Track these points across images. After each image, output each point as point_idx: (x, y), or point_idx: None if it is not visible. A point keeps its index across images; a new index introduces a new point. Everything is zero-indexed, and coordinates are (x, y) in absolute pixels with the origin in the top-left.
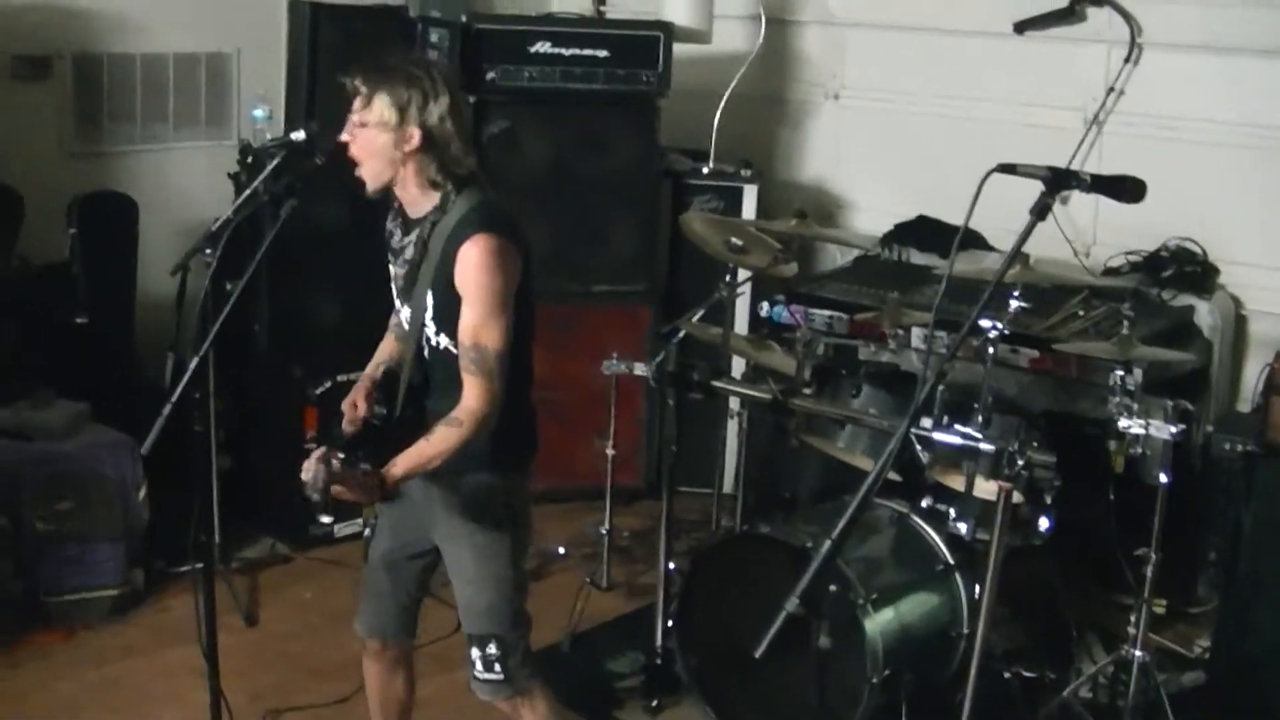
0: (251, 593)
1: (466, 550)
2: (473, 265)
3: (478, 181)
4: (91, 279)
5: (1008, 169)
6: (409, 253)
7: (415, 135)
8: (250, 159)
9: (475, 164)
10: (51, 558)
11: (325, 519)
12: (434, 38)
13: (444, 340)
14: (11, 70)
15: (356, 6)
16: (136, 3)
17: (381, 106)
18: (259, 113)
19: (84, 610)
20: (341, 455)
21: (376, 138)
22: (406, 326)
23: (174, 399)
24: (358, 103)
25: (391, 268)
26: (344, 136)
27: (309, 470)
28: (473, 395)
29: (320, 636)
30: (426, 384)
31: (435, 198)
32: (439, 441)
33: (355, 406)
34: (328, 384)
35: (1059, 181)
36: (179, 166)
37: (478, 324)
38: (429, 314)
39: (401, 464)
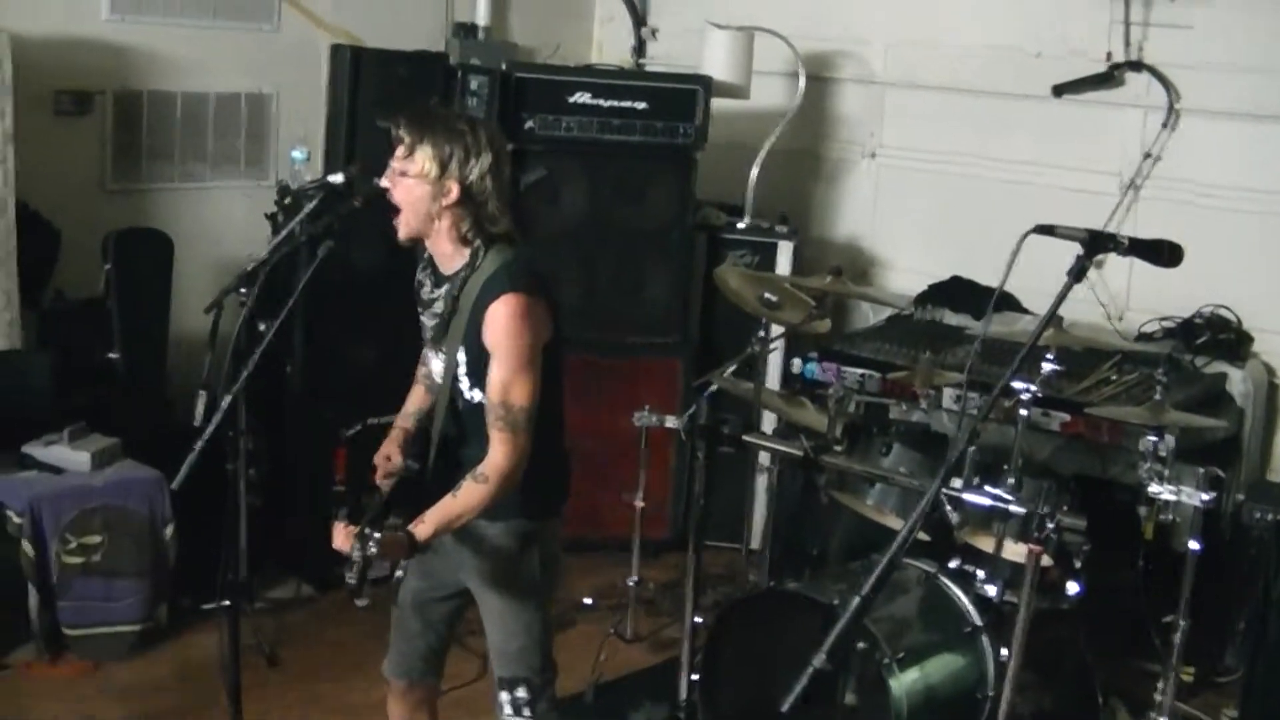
0: (276, 632)
1: (498, 595)
2: (501, 324)
3: (510, 238)
4: (126, 315)
5: (1046, 230)
6: (438, 307)
7: (454, 190)
8: (288, 200)
9: (510, 223)
10: (78, 591)
11: (360, 602)
12: (474, 85)
13: (476, 394)
14: (54, 105)
15: (398, 52)
16: (179, 42)
17: (423, 158)
18: (298, 154)
19: (108, 644)
20: (378, 535)
21: (415, 188)
22: (439, 378)
23: (206, 436)
24: (400, 151)
25: (421, 318)
26: (383, 182)
27: (342, 543)
28: (499, 452)
29: (343, 679)
30: (461, 435)
31: (466, 253)
32: (466, 498)
33: (389, 459)
34: (359, 426)
35: (1097, 244)
36: (216, 205)
37: (506, 381)
38: (462, 369)
39: (430, 522)
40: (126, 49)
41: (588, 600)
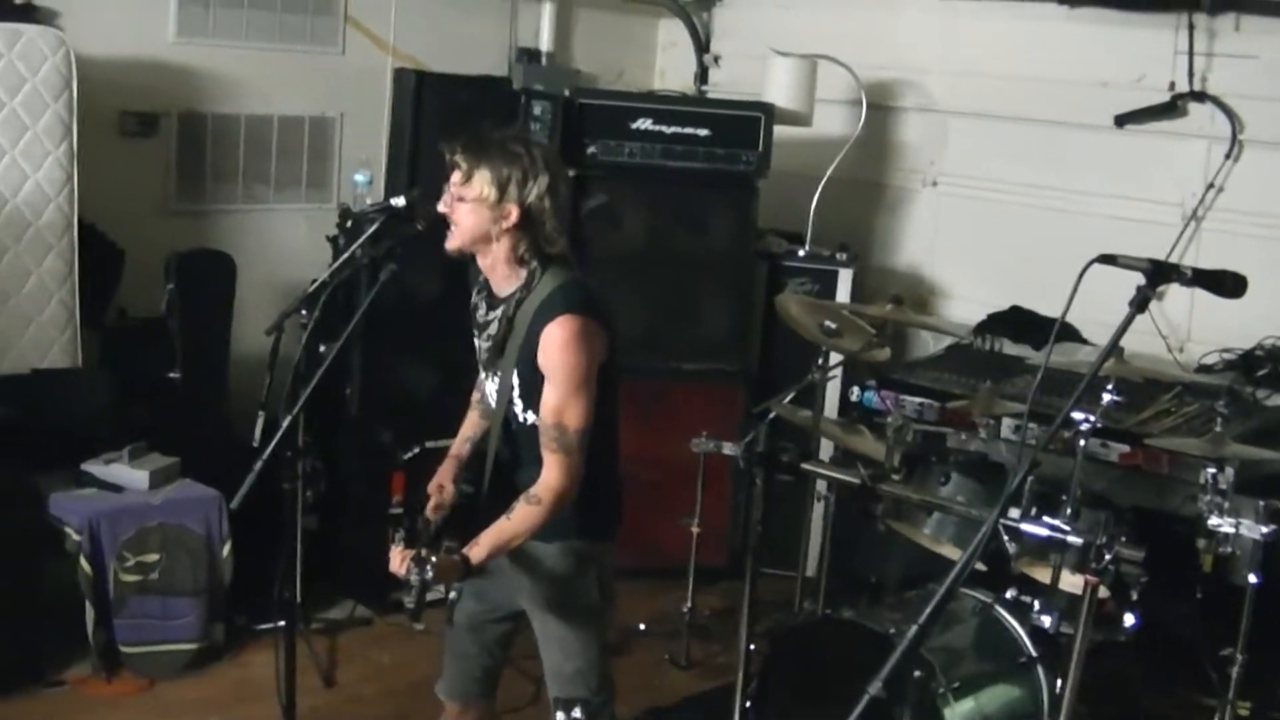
0: (331, 654)
1: (553, 617)
2: (556, 346)
3: (565, 260)
4: (187, 335)
5: (1108, 260)
6: (493, 329)
7: (513, 213)
8: (349, 223)
9: (566, 245)
10: (135, 608)
11: (418, 626)
12: (536, 110)
13: (531, 416)
14: (119, 126)
15: (461, 76)
16: (243, 64)
17: (481, 182)
18: (360, 177)
19: (163, 662)
20: (434, 559)
21: (474, 212)
22: (493, 401)
23: (264, 457)
24: (457, 176)
25: (476, 340)
26: (441, 208)
27: (398, 567)
28: (553, 473)
29: (397, 700)
30: (514, 458)
31: (522, 275)
32: (519, 520)
33: (441, 489)
34: (416, 450)
35: (1159, 274)
36: (278, 227)
37: (560, 403)
38: (515, 391)
39: (484, 544)
40: (192, 71)
41: (642, 626)
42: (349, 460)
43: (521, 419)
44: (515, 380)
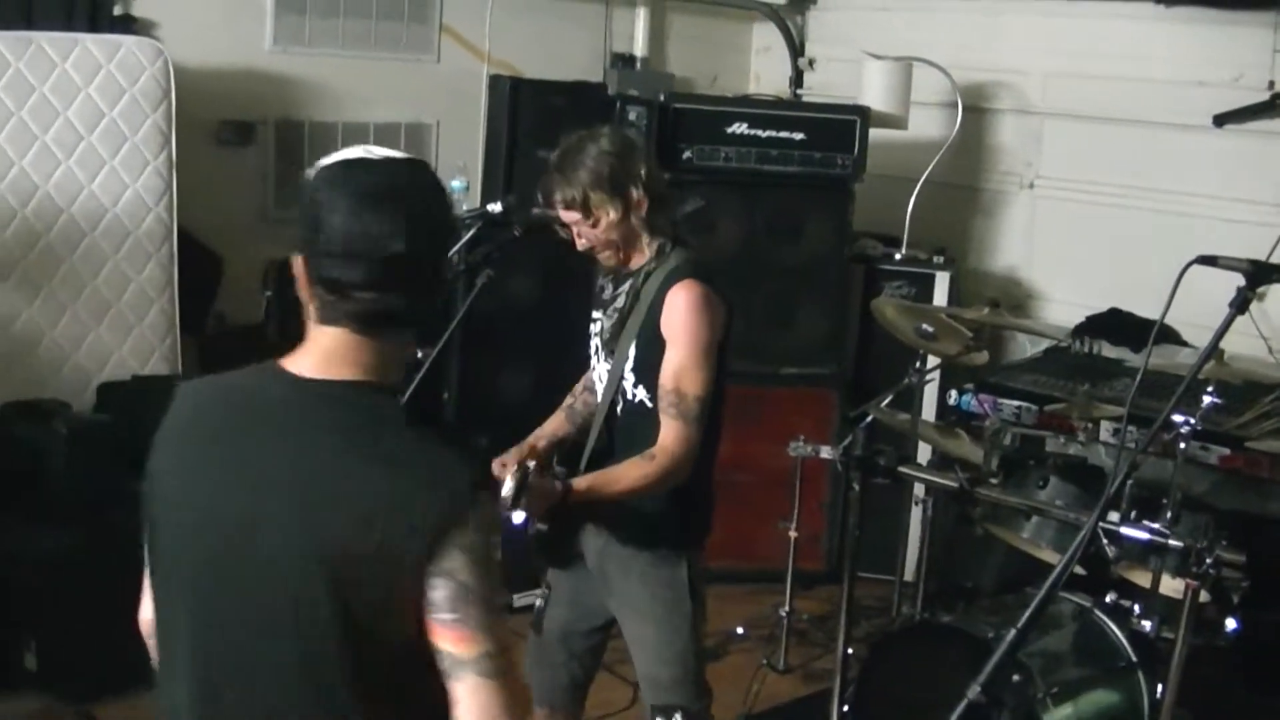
0: None
1: (648, 625)
2: (681, 309)
3: (687, 243)
4: (285, 341)
5: (1208, 261)
6: (620, 302)
7: (642, 200)
8: None
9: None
10: None
11: (515, 517)
12: (632, 115)
13: (641, 393)
14: (217, 135)
15: (556, 82)
16: (340, 73)
17: (600, 207)
18: (456, 184)
19: None
20: (534, 463)
21: (614, 228)
22: (602, 382)
23: None
24: (574, 215)
25: (595, 324)
26: (580, 246)
27: (500, 470)
28: (669, 436)
29: None
30: (610, 449)
31: (653, 248)
32: (627, 469)
33: (504, 466)
34: None
35: (1260, 275)
36: None
37: (680, 368)
38: (629, 365)
39: (587, 480)
40: (288, 80)
41: (740, 630)
42: None
43: (631, 395)
44: (631, 353)
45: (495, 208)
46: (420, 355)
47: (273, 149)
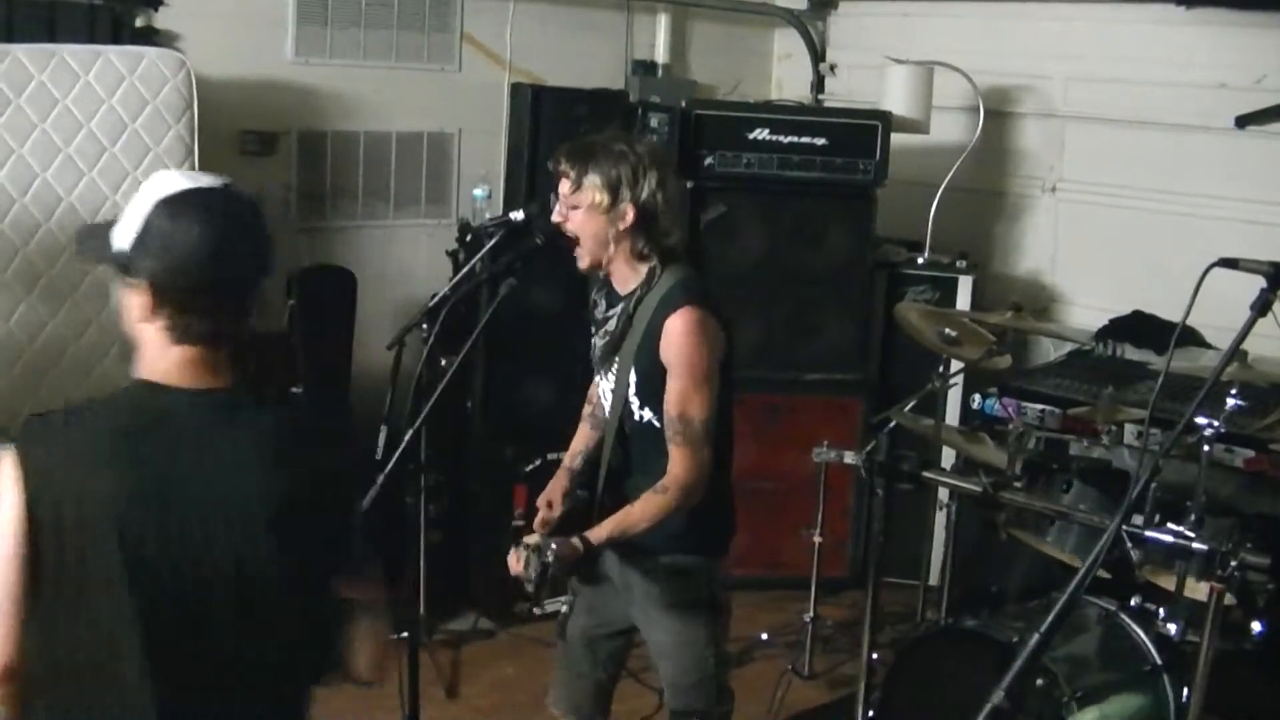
0: (454, 666)
1: (668, 631)
2: (679, 336)
3: (683, 258)
4: (309, 350)
5: (1229, 263)
6: (611, 325)
7: (630, 213)
8: (469, 237)
9: (680, 237)
10: None
11: (537, 610)
12: (653, 122)
13: (648, 414)
14: (240, 145)
15: (577, 90)
16: (361, 83)
17: (592, 189)
18: (479, 192)
19: None
20: (554, 546)
21: (591, 219)
22: (607, 402)
23: (387, 471)
24: (566, 186)
25: (593, 339)
26: (555, 218)
27: (517, 564)
28: (679, 465)
29: (520, 712)
30: (625, 464)
31: (642, 271)
32: (643, 508)
33: (550, 506)
34: (537, 462)
35: None
36: (398, 243)
37: (684, 396)
38: (632, 389)
39: (606, 528)
40: (310, 90)
41: (765, 636)
42: (472, 473)
43: (638, 416)
44: (633, 377)
45: (518, 216)
46: (444, 364)
47: (295, 159)
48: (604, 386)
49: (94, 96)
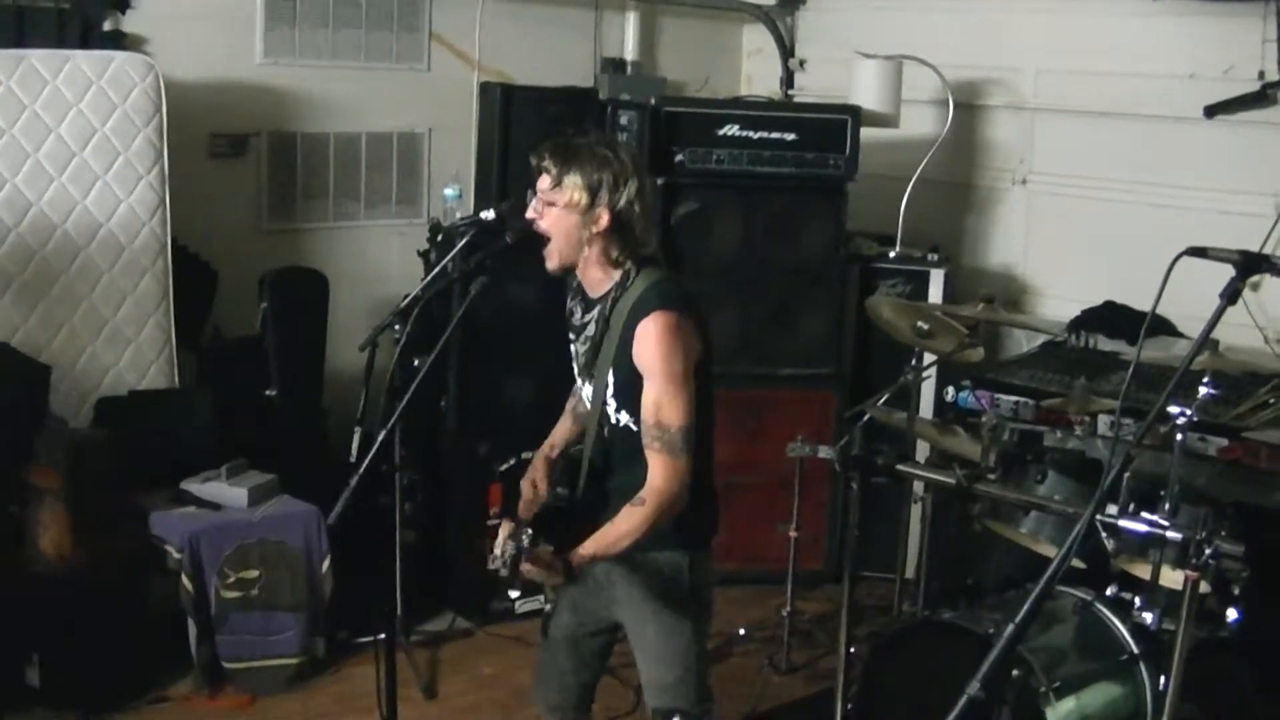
0: (432, 665)
1: (651, 628)
2: (652, 342)
3: (658, 260)
4: (283, 353)
5: (1198, 252)
6: (590, 329)
7: (604, 217)
8: (440, 237)
9: (656, 245)
10: (236, 624)
11: (513, 594)
12: (624, 120)
13: (624, 417)
14: (209, 148)
15: (547, 88)
16: (331, 84)
17: (572, 188)
18: (450, 191)
19: (267, 677)
20: (530, 532)
21: (565, 218)
22: (588, 404)
23: (361, 471)
24: (546, 182)
25: (573, 346)
26: (530, 214)
27: (499, 545)
28: (658, 474)
29: (499, 711)
30: (606, 464)
31: (616, 275)
32: (623, 523)
33: (534, 486)
34: (512, 461)
35: (1250, 266)
36: (370, 244)
37: (659, 402)
38: (610, 391)
39: (589, 547)
40: (280, 92)
41: (742, 631)
42: (446, 473)
43: (615, 420)
44: (610, 380)
45: (489, 215)
46: (416, 364)
47: (265, 161)
48: (585, 390)
49: (63, 101)
